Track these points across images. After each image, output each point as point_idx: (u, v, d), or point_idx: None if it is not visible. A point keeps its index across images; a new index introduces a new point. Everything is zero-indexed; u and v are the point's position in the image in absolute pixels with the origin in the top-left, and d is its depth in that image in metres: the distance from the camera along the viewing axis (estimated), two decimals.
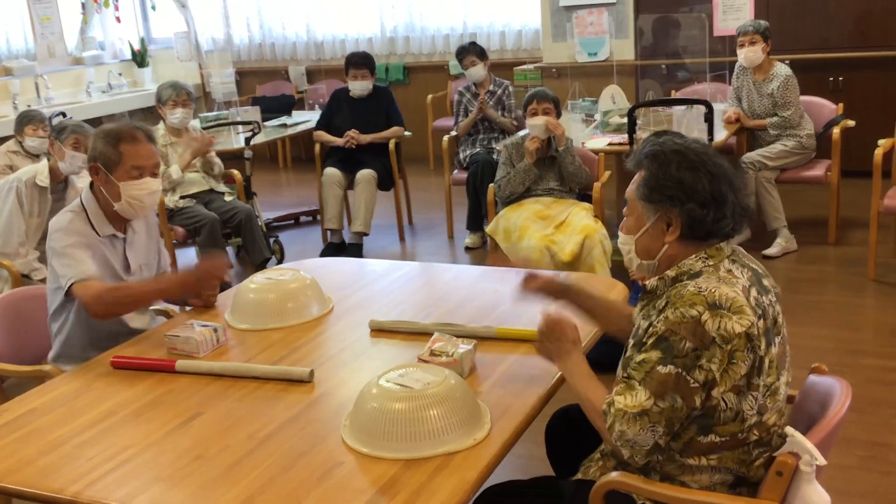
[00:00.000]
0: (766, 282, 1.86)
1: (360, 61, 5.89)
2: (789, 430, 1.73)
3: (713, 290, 1.73)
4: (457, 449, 1.81)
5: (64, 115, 6.02)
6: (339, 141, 5.86)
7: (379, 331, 2.51)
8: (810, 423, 1.84)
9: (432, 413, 1.83)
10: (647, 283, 1.90)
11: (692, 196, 1.79)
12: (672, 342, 1.72)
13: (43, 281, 4.08)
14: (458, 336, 2.25)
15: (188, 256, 5.71)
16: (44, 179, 4.14)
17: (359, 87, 5.89)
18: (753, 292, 1.78)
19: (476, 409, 1.92)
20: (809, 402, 1.96)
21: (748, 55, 5.22)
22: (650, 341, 1.77)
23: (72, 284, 2.56)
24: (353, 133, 5.82)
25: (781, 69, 5.22)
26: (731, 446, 1.80)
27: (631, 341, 1.88)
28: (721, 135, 5.00)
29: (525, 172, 4.58)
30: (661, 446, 1.78)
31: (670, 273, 1.84)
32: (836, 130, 5.19)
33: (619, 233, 1.97)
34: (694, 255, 1.83)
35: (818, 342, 3.97)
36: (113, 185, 2.65)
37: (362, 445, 1.85)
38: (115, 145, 2.65)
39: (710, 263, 1.81)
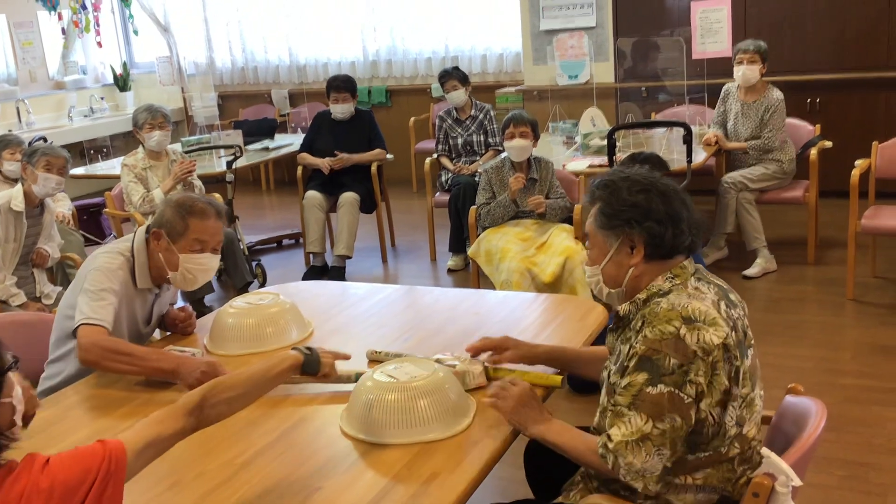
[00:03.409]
0: (732, 296, 1.90)
1: (340, 85, 5.91)
2: (765, 451, 1.74)
3: (686, 305, 1.77)
4: (441, 437, 1.94)
5: (45, 139, 6.00)
6: (322, 163, 5.86)
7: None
8: (786, 443, 1.85)
9: (421, 403, 1.96)
10: (618, 309, 1.92)
11: (648, 215, 1.85)
12: (656, 361, 1.74)
13: (21, 307, 4.06)
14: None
15: None
16: (19, 204, 4.12)
17: (340, 110, 5.91)
18: (723, 306, 1.81)
19: (463, 400, 2.06)
20: (786, 423, 1.97)
21: (746, 73, 5.18)
22: (632, 363, 1.77)
23: (82, 324, 2.47)
24: (338, 158, 5.82)
25: (776, 93, 5.22)
26: (714, 462, 1.80)
27: (613, 367, 1.89)
28: (700, 156, 5.04)
29: (504, 207, 4.61)
30: (669, 469, 1.78)
31: (641, 296, 1.88)
32: (813, 151, 5.24)
33: (585, 267, 2.00)
34: (661, 276, 1.87)
35: (798, 362, 3.99)
36: (173, 254, 2.61)
37: (362, 433, 1.99)
38: (184, 217, 2.61)
39: (678, 282, 1.85)
